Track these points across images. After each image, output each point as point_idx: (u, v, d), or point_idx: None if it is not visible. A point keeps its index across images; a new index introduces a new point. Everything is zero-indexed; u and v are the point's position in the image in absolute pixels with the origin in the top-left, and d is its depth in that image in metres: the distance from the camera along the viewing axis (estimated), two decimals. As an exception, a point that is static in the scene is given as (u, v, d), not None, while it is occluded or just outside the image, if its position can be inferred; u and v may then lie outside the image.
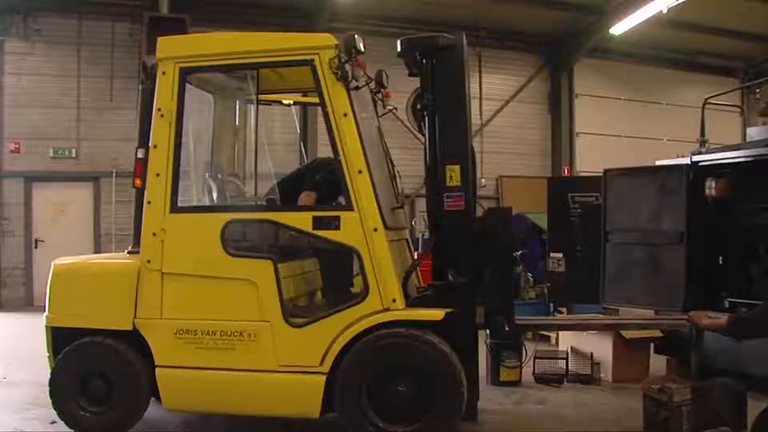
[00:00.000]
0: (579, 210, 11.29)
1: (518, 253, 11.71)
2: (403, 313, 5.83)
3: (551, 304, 11.47)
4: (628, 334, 8.41)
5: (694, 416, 6.11)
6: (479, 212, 6.64)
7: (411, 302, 5.98)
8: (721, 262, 8.51)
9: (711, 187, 8.24)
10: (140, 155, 6.38)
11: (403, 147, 12.47)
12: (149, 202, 6.22)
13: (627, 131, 20.68)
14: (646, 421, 6.34)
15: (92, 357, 6.28)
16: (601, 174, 9.39)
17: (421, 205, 7.64)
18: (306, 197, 6.72)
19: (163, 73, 6.26)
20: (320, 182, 6.78)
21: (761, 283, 7.85)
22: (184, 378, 6.12)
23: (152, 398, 6.31)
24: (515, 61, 20.25)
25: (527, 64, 20.47)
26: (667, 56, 21.56)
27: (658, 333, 8.53)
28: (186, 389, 6.17)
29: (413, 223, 14.90)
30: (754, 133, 9.26)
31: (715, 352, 7.38)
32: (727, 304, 8.15)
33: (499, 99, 19.90)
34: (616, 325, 8.16)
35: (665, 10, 16.35)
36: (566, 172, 19.45)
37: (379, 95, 6.92)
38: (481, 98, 19.09)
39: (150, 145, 6.26)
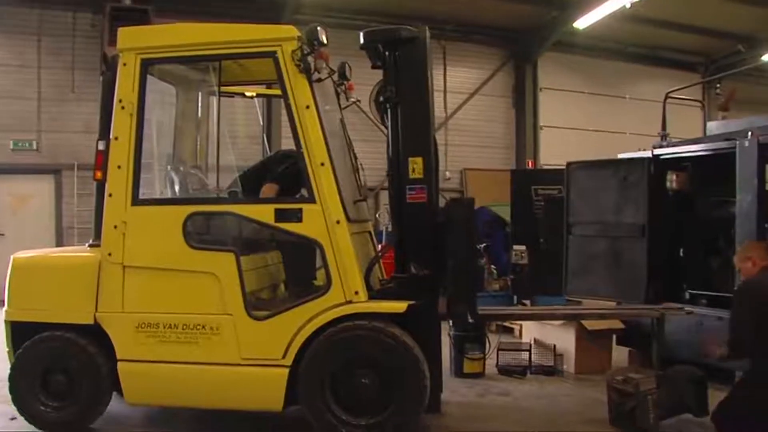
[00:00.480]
0: (542, 203, 11.38)
1: (482, 245, 11.76)
2: (365, 305, 5.83)
3: (515, 297, 11.52)
4: (590, 325, 8.48)
5: (660, 404, 6.20)
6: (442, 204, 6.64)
7: (374, 295, 5.99)
8: (681, 254, 8.61)
9: (672, 180, 8.34)
10: (101, 147, 6.32)
11: (367, 140, 12.47)
12: (110, 195, 6.17)
13: (590, 125, 20.82)
14: (611, 412, 6.42)
15: (53, 351, 6.22)
16: (564, 167, 9.47)
17: (386, 197, 7.62)
18: (268, 189, 6.68)
19: (124, 64, 6.20)
20: (283, 174, 6.75)
21: (721, 275, 7.95)
22: (146, 372, 6.08)
23: (114, 393, 6.26)
24: (480, 54, 20.28)
25: (492, 57, 20.50)
26: (630, 51, 21.72)
27: (620, 325, 8.63)
28: (148, 383, 6.13)
29: (377, 216, 14.88)
30: (713, 127, 9.39)
31: (675, 343, 7.48)
32: (687, 296, 8.25)
33: (464, 92, 19.92)
34: (578, 315, 8.22)
35: (628, 5, 16.47)
36: (530, 165, 19.52)
37: (342, 88, 6.91)
38: (445, 91, 19.13)
39: (111, 137, 6.19)
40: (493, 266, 12.22)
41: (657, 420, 6.21)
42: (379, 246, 7.33)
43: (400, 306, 5.79)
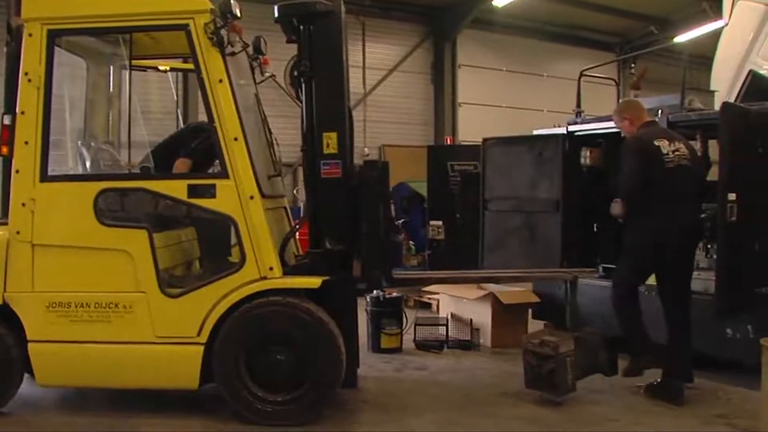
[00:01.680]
0: (458, 178, 11.45)
1: (400, 221, 11.82)
2: (280, 281, 5.81)
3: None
4: (506, 300, 8.60)
5: (576, 366, 6.36)
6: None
7: (288, 270, 5.95)
8: (595, 229, 8.77)
9: (585, 156, 8.46)
10: (7, 122, 6.11)
11: (285, 115, 12.29)
12: (17, 171, 5.98)
13: (509, 102, 21.07)
14: (527, 375, 6.49)
15: (-41, 333, 6.04)
16: (481, 143, 9.56)
17: (304, 173, 7.57)
18: (181, 164, 6.59)
19: (30, 35, 5.99)
20: (196, 149, 6.67)
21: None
22: (58, 352, 5.95)
23: (26, 374, 6.10)
24: (399, 30, 20.31)
25: (411, 34, 20.55)
26: (548, 30, 22.03)
27: (535, 299, 8.78)
28: (60, 364, 6.00)
29: (295, 191, 14.80)
30: (626, 104, 9.54)
31: (588, 315, 7.65)
32: (600, 270, 8.42)
33: (383, 68, 19.94)
34: (492, 278, 8.32)
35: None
36: (449, 141, 19.65)
37: (258, 62, 6.84)
38: (364, 67, 19.12)
39: (17, 111, 6.01)
40: (411, 242, 12.29)
41: (574, 380, 6.38)
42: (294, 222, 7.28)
43: (314, 281, 5.79)
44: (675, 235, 6.53)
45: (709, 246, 7.64)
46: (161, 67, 7.84)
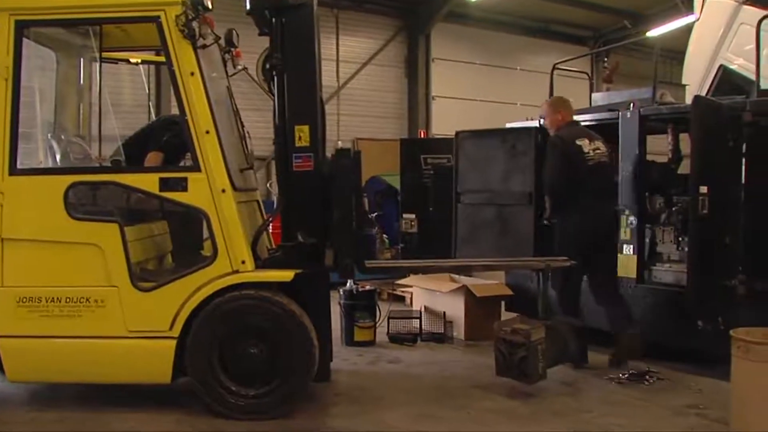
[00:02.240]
0: (432, 171, 11.47)
1: (373, 214, 11.82)
2: (252, 275, 5.79)
3: (406, 265, 11.58)
4: (479, 292, 8.62)
5: (547, 354, 6.40)
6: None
7: (261, 264, 5.94)
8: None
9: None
10: (-26, 115, 6.05)
11: (258, 108, 12.27)
12: (-15, 165, 5.92)
13: (482, 95, 21.07)
14: (499, 364, 6.50)
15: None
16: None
17: (278, 166, 7.54)
18: (153, 157, 6.55)
19: (-3, 26, 5.94)
20: (168, 142, 6.63)
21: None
22: (28, 348, 5.89)
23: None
24: (373, 23, 20.25)
25: (385, 27, 20.50)
26: (522, 23, 22.08)
27: (508, 291, 8.81)
28: (31, 359, 5.94)
29: (269, 185, 14.75)
30: (598, 98, 9.61)
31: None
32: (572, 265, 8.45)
33: (357, 62, 19.87)
34: (465, 267, 8.37)
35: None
36: (422, 134, 19.66)
37: (230, 55, 6.79)
38: (338, 61, 19.07)
39: (-16, 104, 5.95)
40: (385, 235, 12.29)
41: (545, 368, 6.42)
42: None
43: (286, 275, 5.77)
44: (599, 228, 7.25)
45: (680, 239, 7.70)
46: (133, 60, 7.77)
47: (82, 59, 7.38)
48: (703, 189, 6.48)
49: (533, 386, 6.46)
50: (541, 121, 8.01)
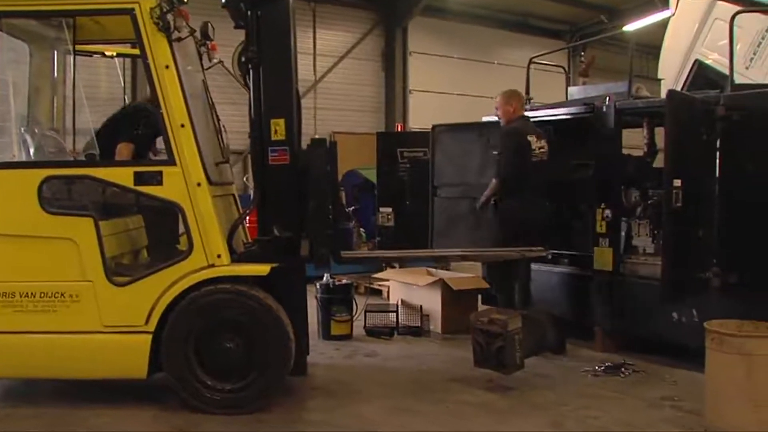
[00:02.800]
0: (408, 165, 11.47)
1: (351, 208, 11.80)
2: (228, 269, 5.77)
3: (384, 261, 11.59)
4: (456, 285, 8.64)
5: (524, 344, 6.42)
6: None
7: (237, 258, 5.92)
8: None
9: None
10: (-54, 108, 6.01)
11: (235, 102, 12.24)
12: (-42, 158, 5.87)
13: (460, 89, 21.08)
14: (476, 354, 6.52)
15: None
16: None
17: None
18: (124, 149, 6.51)
19: (-32, 17, 5.88)
20: (138, 132, 6.60)
21: (581, 236, 8.22)
22: (2, 343, 5.83)
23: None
24: (350, 17, 20.23)
25: (362, 20, 20.48)
26: (499, 17, 22.14)
27: (484, 285, 8.83)
28: (5, 355, 5.88)
29: (245, 179, 14.73)
30: (574, 92, 9.64)
31: (537, 301, 7.76)
32: (549, 257, 8.48)
33: (334, 55, 19.85)
34: (441, 257, 8.56)
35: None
36: (399, 128, 19.65)
37: (205, 48, 6.76)
38: (315, 54, 19.04)
39: (-44, 96, 5.90)
40: (362, 229, 12.28)
41: (522, 358, 6.44)
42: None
43: (262, 268, 5.75)
44: (535, 220, 7.64)
45: (656, 232, 7.75)
46: (108, 53, 7.72)
47: (56, 52, 7.30)
48: (677, 182, 6.50)
49: (511, 379, 6.50)
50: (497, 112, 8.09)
